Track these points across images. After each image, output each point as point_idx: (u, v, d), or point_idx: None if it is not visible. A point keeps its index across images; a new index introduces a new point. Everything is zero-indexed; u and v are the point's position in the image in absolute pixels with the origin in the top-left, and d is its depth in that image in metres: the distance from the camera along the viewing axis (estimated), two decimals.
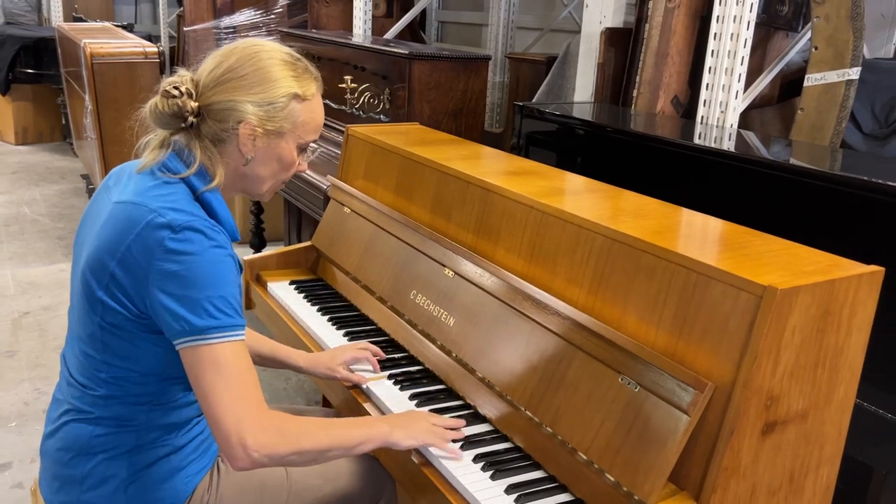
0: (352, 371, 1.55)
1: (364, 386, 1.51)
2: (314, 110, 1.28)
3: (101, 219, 1.19)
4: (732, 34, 2.28)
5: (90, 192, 5.30)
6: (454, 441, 1.31)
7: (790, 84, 2.72)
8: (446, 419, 1.35)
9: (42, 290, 3.71)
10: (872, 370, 1.27)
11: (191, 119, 1.20)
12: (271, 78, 1.21)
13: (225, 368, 1.10)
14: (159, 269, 1.10)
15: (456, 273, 1.58)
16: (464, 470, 1.25)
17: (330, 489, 1.39)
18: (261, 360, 1.53)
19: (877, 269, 1.13)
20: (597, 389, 1.20)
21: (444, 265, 1.62)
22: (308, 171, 2.81)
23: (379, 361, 1.58)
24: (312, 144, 1.32)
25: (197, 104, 1.20)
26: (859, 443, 1.30)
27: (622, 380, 1.17)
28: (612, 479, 1.15)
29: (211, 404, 1.10)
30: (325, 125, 3.13)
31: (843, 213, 1.52)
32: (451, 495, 1.22)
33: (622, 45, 2.75)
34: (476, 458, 1.28)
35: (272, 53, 1.24)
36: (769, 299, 1.02)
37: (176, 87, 1.19)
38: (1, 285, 3.75)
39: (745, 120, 2.64)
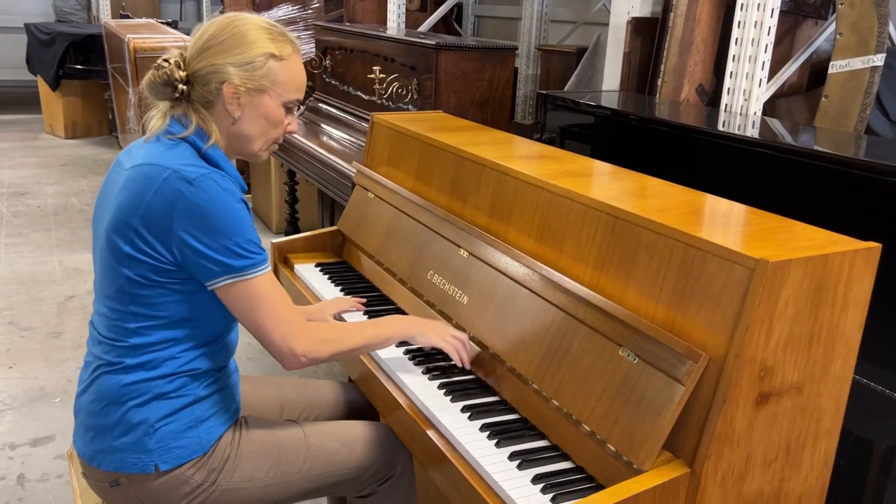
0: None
1: (378, 359, 1.57)
2: (292, 69, 1.37)
3: (118, 186, 1.29)
4: (756, 22, 2.28)
5: None
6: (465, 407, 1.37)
7: (819, 73, 2.70)
8: (462, 337, 1.52)
9: (87, 275, 3.86)
10: (876, 347, 1.29)
11: (181, 87, 1.31)
12: (248, 40, 1.33)
13: (265, 297, 1.28)
14: (184, 220, 1.22)
15: (470, 253, 1.63)
16: (470, 437, 1.30)
17: (345, 453, 1.46)
18: None
19: (873, 246, 1.15)
20: (598, 361, 1.24)
21: (458, 246, 1.67)
22: (339, 161, 2.89)
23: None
24: (299, 105, 1.43)
25: (185, 73, 1.31)
26: (861, 419, 1.32)
27: (622, 352, 1.21)
28: (612, 448, 1.19)
29: (260, 329, 1.29)
30: (356, 116, 3.22)
31: (865, 198, 1.53)
32: (458, 461, 1.27)
33: (648, 34, 2.76)
34: (483, 427, 1.33)
35: (249, 20, 1.36)
36: (761, 272, 1.05)
37: (165, 60, 1.31)
38: (49, 270, 3.91)
39: (773, 108, 2.63)
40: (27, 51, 7.09)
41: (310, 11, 5.16)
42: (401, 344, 1.63)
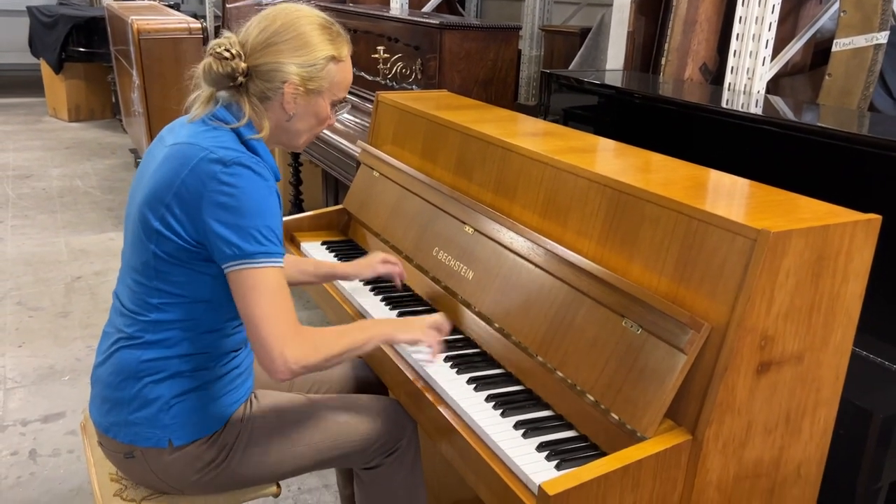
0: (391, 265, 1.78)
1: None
2: (347, 70, 1.40)
3: (157, 162, 1.31)
4: (760, 0, 2.28)
5: (138, 164, 5.49)
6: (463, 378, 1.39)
7: (823, 52, 2.70)
8: (437, 318, 1.52)
9: (93, 256, 3.89)
10: (876, 320, 1.31)
11: (241, 79, 1.31)
12: (311, 42, 1.33)
13: (268, 290, 1.24)
14: (211, 200, 1.23)
15: (475, 230, 1.65)
16: (476, 408, 1.33)
17: (353, 426, 1.48)
18: (315, 278, 1.76)
19: (874, 217, 1.16)
20: (602, 333, 1.26)
21: (464, 222, 1.69)
22: (343, 142, 2.90)
23: (402, 313, 1.67)
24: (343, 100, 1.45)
25: (246, 65, 1.31)
26: (860, 390, 1.34)
27: (625, 323, 1.23)
28: (615, 417, 1.21)
29: (254, 322, 1.23)
30: (359, 97, 3.22)
31: (868, 173, 1.54)
32: (465, 430, 1.30)
33: (652, 13, 2.76)
34: (488, 398, 1.36)
35: (311, 19, 1.36)
36: (763, 242, 1.06)
37: (227, 50, 1.30)
38: (55, 251, 3.94)
39: (776, 88, 2.64)
40: (30, 34, 7.08)
41: None
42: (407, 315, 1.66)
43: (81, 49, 6.56)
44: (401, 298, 1.76)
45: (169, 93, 4.19)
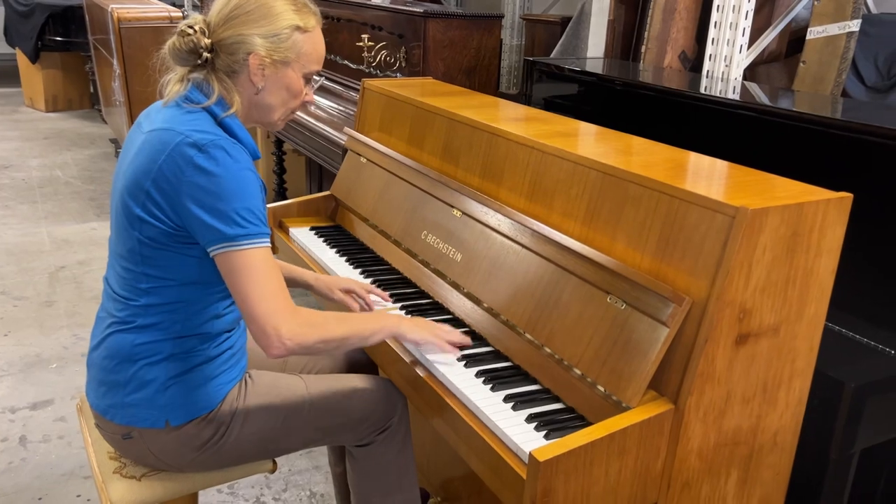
0: (351, 298, 1.66)
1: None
2: (315, 41, 1.40)
3: (135, 148, 1.33)
4: None
5: (118, 154, 5.47)
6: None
7: (798, 40, 2.77)
8: (451, 330, 1.48)
9: (76, 246, 3.88)
10: (847, 296, 1.37)
11: (205, 54, 1.32)
12: (274, 12, 1.34)
13: (256, 270, 1.25)
14: (189, 183, 1.24)
15: (463, 213, 1.69)
16: (467, 383, 1.38)
17: (346, 404, 1.52)
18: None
19: (845, 196, 1.22)
20: (587, 309, 1.31)
21: (452, 206, 1.73)
22: (328, 129, 2.93)
23: (392, 295, 1.71)
24: (316, 77, 1.44)
25: (210, 41, 1.33)
26: (833, 362, 1.40)
27: (610, 299, 1.28)
28: (601, 389, 1.26)
29: (246, 301, 1.24)
30: (343, 85, 3.25)
31: (841, 155, 1.61)
32: (456, 405, 1.34)
33: (632, 2, 2.82)
34: (478, 374, 1.41)
35: None
36: (741, 219, 1.12)
37: (190, 27, 1.32)
38: (38, 241, 3.93)
39: (753, 75, 2.71)
40: (4, 23, 6.99)
41: None
42: (397, 301, 1.70)
43: (58, 38, 6.50)
44: (368, 267, 1.80)
45: (150, 81, 4.17)
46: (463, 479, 1.94)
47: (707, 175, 1.35)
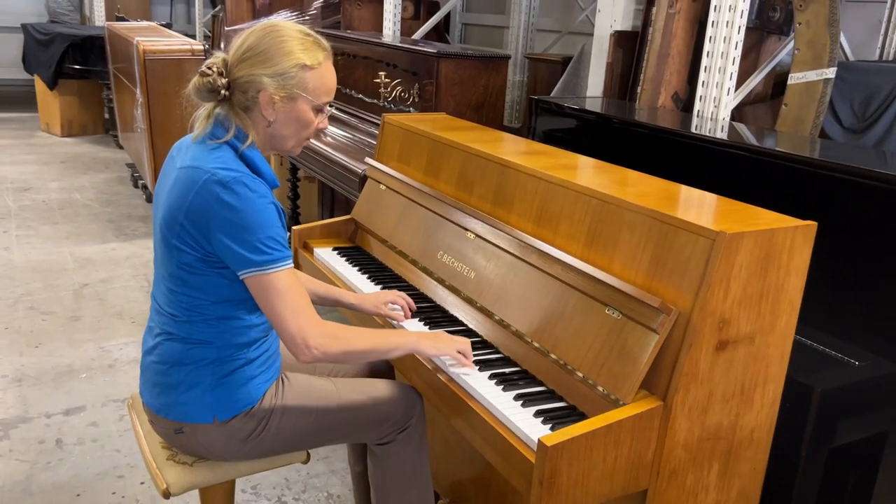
0: (397, 307, 1.86)
1: (396, 324, 1.82)
2: (323, 75, 1.53)
3: (170, 183, 1.51)
4: (725, 38, 2.57)
5: (135, 179, 5.68)
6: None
7: (782, 83, 2.99)
8: (464, 340, 1.65)
9: (98, 265, 4.06)
10: (815, 313, 1.57)
11: (223, 92, 1.49)
12: (283, 52, 1.48)
13: (282, 291, 1.43)
14: (217, 217, 1.41)
15: (476, 235, 1.89)
16: (481, 385, 1.56)
17: (370, 405, 1.70)
18: (318, 300, 1.86)
19: (810, 223, 1.42)
20: (588, 319, 1.50)
21: (466, 229, 1.93)
22: (344, 157, 3.14)
23: (409, 310, 1.89)
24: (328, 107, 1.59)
25: (226, 80, 1.49)
26: (802, 370, 1.59)
27: (608, 310, 1.47)
28: (601, 389, 1.45)
29: (277, 319, 1.43)
30: (357, 117, 3.47)
31: (816, 190, 1.80)
32: (473, 403, 1.53)
33: (629, 46, 3.04)
34: (490, 377, 1.59)
35: (285, 31, 1.50)
36: (720, 242, 1.31)
37: (209, 67, 1.49)
38: (61, 260, 4.11)
39: (741, 115, 2.93)
40: (24, 50, 7.24)
41: (307, 17, 5.40)
42: (416, 314, 1.88)
43: (77, 66, 6.73)
44: (387, 283, 1.99)
45: (171, 110, 4.40)
46: (470, 481, 2.11)
47: (694, 204, 1.56)
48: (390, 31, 4.34)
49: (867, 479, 1.74)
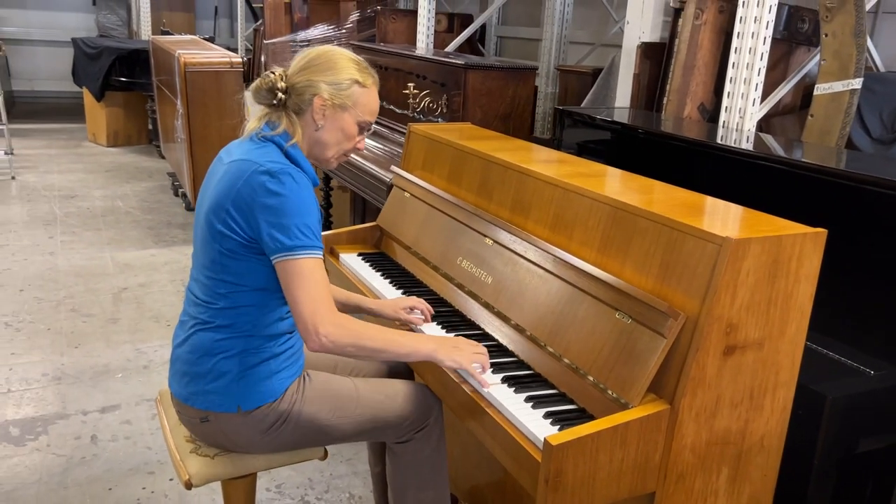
0: (415, 313, 1.92)
1: (415, 328, 1.87)
2: (370, 97, 1.68)
3: (218, 176, 1.61)
4: (751, 49, 2.57)
5: (175, 188, 5.84)
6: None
7: (811, 94, 2.97)
8: (477, 345, 1.68)
9: (137, 270, 4.19)
10: (829, 321, 1.57)
11: (280, 95, 1.62)
12: (340, 66, 1.64)
13: (306, 276, 1.50)
14: (261, 204, 1.51)
15: (495, 241, 1.92)
16: (494, 386, 1.59)
17: (389, 404, 1.75)
18: (341, 306, 1.91)
19: (820, 231, 1.43)
20: (599, 323, 1.53)
21: (485, 235, 1.97)
22: (373, 167, 3.21)
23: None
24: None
25: (285, 84, 1.63)
26: (815, 378, 1.59)
27: (618, 315, 1.50)
28: (610, 393, 1.47)
29: (294, 301, 1.50)
30: (389, 128, 3.54)
31: (843, 201, 1.79)
32: (485, 404, 1.56)
33: (656, 58, 3.06)
34: (503, 379, 1.62)
35: (342, 52, 1.68)
36: (727, 247, 1.33)
37: (272, 71, 1.64)
38: (102, 265, 4.26)
39: (768, 126, 2.92)
40: (73, 63, 7.50)
41: (343, 31, 5.52)
42: (436, 317, 1.93)
43: (123, 79, 6.96)
44: (409, 288, 2.03)
45: (210, 121, 4.53)
46: (488, 485, 2.14)
47: (703, 211, 1.57)
48: (423, 43, 4.42)
49: (884, 490, 1.72)
